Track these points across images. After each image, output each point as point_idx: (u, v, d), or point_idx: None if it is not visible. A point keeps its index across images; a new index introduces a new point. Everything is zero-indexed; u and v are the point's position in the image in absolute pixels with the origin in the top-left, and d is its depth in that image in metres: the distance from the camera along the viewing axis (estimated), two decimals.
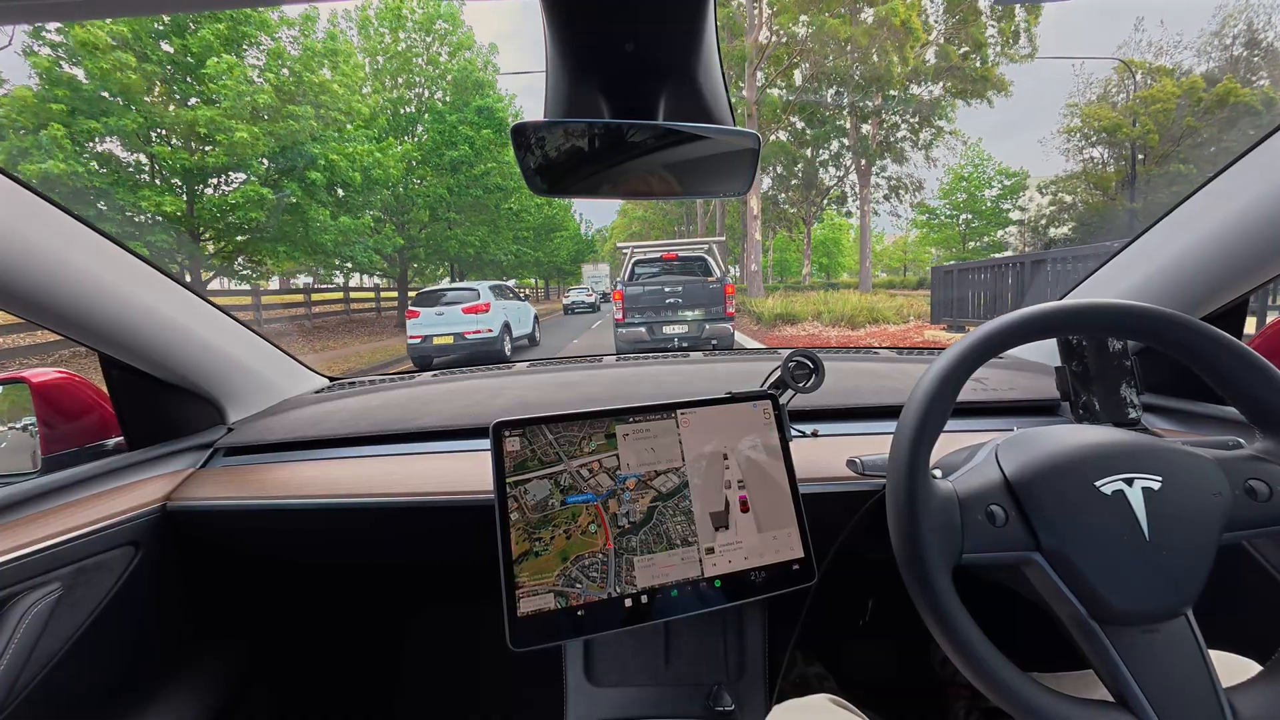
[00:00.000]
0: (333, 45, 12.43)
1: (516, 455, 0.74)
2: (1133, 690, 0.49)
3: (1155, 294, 0.95)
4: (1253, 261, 0.83)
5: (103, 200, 9.45)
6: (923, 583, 0.53)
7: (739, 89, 17.80)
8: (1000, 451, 0.62)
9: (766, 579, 0.76)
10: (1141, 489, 0.55)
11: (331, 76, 12.07)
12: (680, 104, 0.60)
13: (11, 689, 0.70)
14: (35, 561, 0.73)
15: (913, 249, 41.52)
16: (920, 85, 21.25)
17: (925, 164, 25.58)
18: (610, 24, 0.51)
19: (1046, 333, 0.60)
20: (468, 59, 18.85)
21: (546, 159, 0.58)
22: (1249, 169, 0.82)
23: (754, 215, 17.29)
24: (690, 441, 0.79)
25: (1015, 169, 30.04)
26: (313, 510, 0.89)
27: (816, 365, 0.89)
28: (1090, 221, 22.71)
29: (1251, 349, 0.57)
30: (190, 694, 0.97)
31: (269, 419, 1.15)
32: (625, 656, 0.99)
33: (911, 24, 18.15)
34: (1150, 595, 0.52)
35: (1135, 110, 20.38)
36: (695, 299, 7.25)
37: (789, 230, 31.58)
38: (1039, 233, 27.24)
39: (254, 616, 1.15)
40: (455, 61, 18.65)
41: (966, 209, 30.64)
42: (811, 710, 0.69)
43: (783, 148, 24.61)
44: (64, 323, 0.82)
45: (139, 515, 0.87)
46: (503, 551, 0.70)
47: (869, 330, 11.68)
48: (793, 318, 12.83)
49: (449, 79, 18.56)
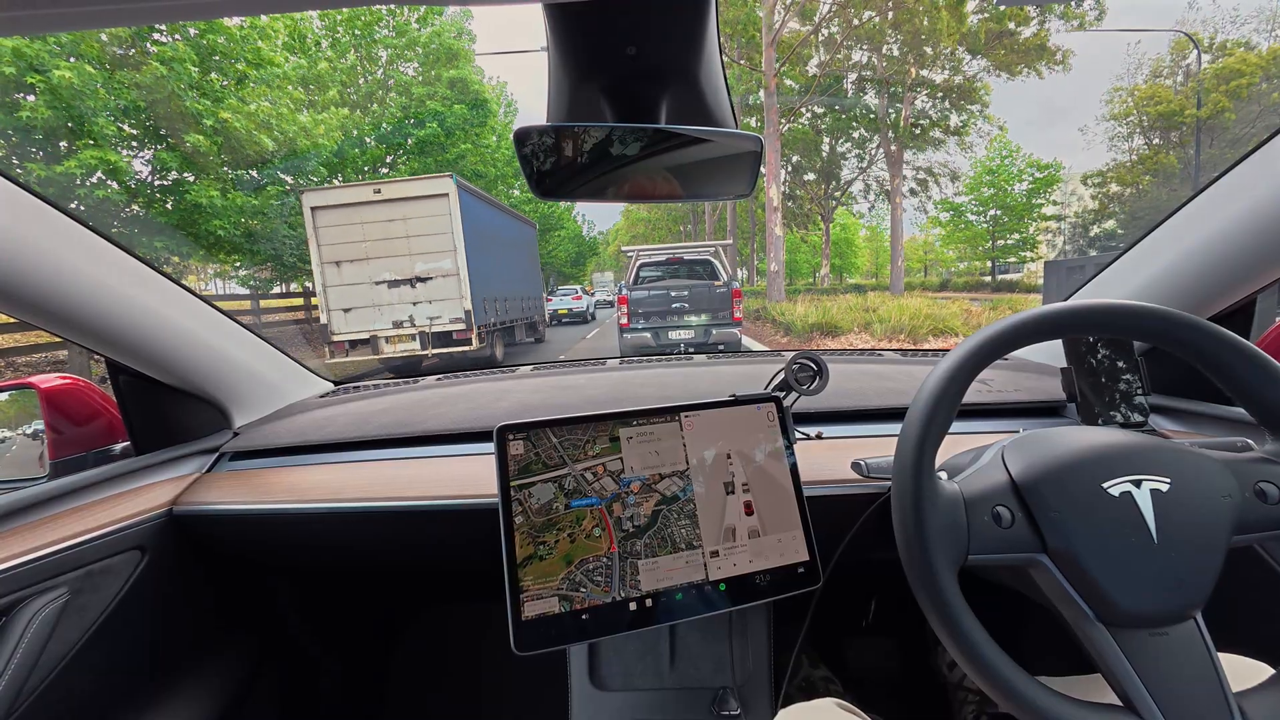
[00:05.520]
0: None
1: (520, 459, 0.74)
2: (1141, 694, 0.48)
3: (1161, 294, 0.94)
4: (1260, 261, 0.83)
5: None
6: (928, 585, 0.53)
7: (755, 67, 15.84)
8: (1006, 453, 0.62)
9: (771, 582, 0.76)
10: (1149, 490, 0.54)
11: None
12: (682, 106, 0.60)
13: (19, 693, 0.70)
14: (43, 566, 0.74)
15: (935, 248, 39.59)
16: (965, 56, 19.30)
17: (959, 151, 23.65)
18: (612, 27, 0.51)
19: (1052, 334, 0.60)
20: (438, 26, 16.00)
21: (549, 163, 0.58)
22: (1256, 167, 0.81)
23: (774, 207, 14.86)
24: (694, 444, 0.79)
25: (1048, 161, 27.37)
26: (318, 514, 0.90)
27: (820, 367, 0.88)
28: (1142, 215, 21.05)
29: (1260, 349, 0.56)
30: (196, 698, 0.97)
31: (274, 423, 1.15)
32: (630, 660, 0.99)
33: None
34: (1158, 598, 0.51)
35: (1207, 87, 18.52)
36: (702, 303, 7.08)
37: (803, 228, 30.26)
38: (1082, 228, 26.08)
39: (259, 620, 1.16)
40: (425, 31, 15.91)
41: (994, 204, 27.93)
42: (818, 713, 0.69)
43: (803, 134, 22.87)
44: (70, 328, 0.82)
45: (145, 520, 0.88)
46: (507, 555, 0.70)
47: (936, 344, 8.85)
48: (834, 328, 10.47)
49: (418, 49, 15.77)
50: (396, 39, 15.91)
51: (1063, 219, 30.12)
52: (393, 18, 15.50)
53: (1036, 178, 26.79)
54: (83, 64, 7.13)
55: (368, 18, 14.90)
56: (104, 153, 7.63)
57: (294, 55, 11.87)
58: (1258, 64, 17.99)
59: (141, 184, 8.65)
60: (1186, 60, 21.30)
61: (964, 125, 21.98)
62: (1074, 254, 27.91)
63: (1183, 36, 20.54)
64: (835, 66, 20.75)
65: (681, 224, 36.97)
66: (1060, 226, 30.54)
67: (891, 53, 20.20)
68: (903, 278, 23.17)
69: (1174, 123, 20.30)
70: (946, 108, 21.69)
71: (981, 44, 18.60)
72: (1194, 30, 21.55)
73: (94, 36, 7.52)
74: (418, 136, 14.49)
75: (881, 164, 24.82)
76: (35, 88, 6.89)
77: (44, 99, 6.96)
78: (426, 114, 14.77)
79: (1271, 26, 20.51)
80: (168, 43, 8.39)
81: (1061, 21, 18.07)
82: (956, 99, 21.06)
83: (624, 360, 1.57)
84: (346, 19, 14.80)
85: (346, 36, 15.33)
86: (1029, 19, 17.89)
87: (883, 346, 8.19)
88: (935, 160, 24.84)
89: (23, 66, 6.69)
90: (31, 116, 7.01)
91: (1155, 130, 21.56)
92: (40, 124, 7.09)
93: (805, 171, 25.96)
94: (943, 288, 31.03)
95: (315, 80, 12.74)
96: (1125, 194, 23.31)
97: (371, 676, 1.43)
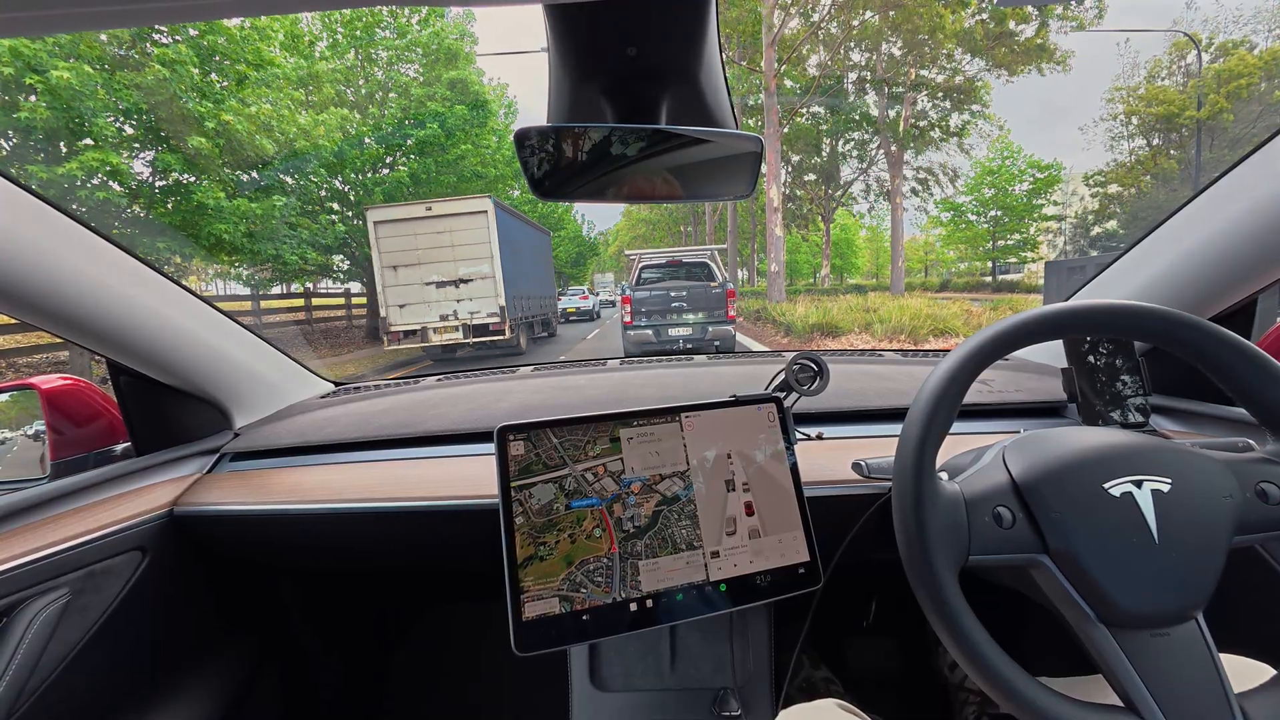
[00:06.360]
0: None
1: (521, 459, 0.74)
2: (1142, 695, 0.48)
3: (1162, 294, 0.94)
4: (1261, 261, 0.83)
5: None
6: (929, 585, 0.53)
7: (755, 68, 15.82)
8: (1007, 453, 0.62)
9: (772, 583, 0.76)
10: (1150, 491, 0.54)
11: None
12: (682, 107, 0.60)
13: (20, 693, 0.70)
14: (44, 567, 0.74)
15: (935, 248, 39.53)
16: (965, 56, 19.17)
17: (958, 153, 23.53)
18: (612, 28, 0.51)
19: (1053, 334, 0.60)
20: (439, 27, 15.68)
21: (549, 163, 0.59)
22: (1256, 167, 0.81)
23: (774, 208, 14.79)
24: (695, 445, 0.79)
25: (1048, 162, 27.98)
26: (319, 515, 0.90)
27: (821, 368, 0.88)
28: (1143, 215, 21.03)
29: (1261, 349, 0.56)
30: (197, 698, 0.97)
31: (275, 424, 1.15)
32: (630, 661, 0.99)
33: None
34: (1159, 598, 0.51)
35: (1207, 88, 18.43)
36: (698, 302, 7.72)
37: (803, 228, 30.20)
38: (1082, 228, 25.99)
39: (260, 620, 1.16)
40: (425, 32, 15.84)
41: (995, 204, 28.37)
42: (819, 714, 0.69)
43: (804, 131, 22.77)
44: (70, 328, 0.82)
45: (146, 520, 0.88)
46: (507, 556, 0.70)
47: (936, 345, 8.98)
48: (834, 328, 10.56)
49: (418, 50, 15.76)
50: (397, 40, 15.83)
51: (1063, 219, 30.01)
52: (394, 19, 15.43)
53: (1037, 178, 26.75)
54: (81, 64, 7.07)
55: (369, 19, 14.88)
56: (105, 154, 7.62)
57: (292, 57, 11.86)
58: (1256, 65, 17.88)
59: (143, 185, 8.68)
60: (1186, 60, 21.18)
61: (964, 126, 21.89)
62: (1074, 254, 27.85)
63: (1182, 37, 20.44)
64: (836, 66, 20.68)
65: (682, 224, 36.98)
66: (1061, 227, 30.47)
67: (891, 53, 20.14)
68: (903, 278, 23.09)
69: (1174, 124, 20.21)
70: (947, 108, 21.59)
71: (980, 43, 18.48)
72: (1194, 30, 21.46)
73: (93, 37, 7.47)
74: (418, 137, 14.50)
75: (882, 164, 24.69)
76: (35, 88, 6.83)
77: (43, 99, 6.93)
78: (427, 115, 14.75)
79: (1271, 26, 20.44)
80: (168, 44, 8.26)
81: (1061, 22, 17.99)
82: (957, 99, 20.96)
83: (624, 361, 1.57)
84: (347, 20, 14.77)
85: (346, 38, 15.24)
86: (1029, 18, 17.83)
87: (883, 347, 8.14)
88: (936, 161, 24.89)
89: (20, 66, 6.63)
90: (31, 117, 6.98)
91: (1156, 131, 21.45)
92: (40, 125, 7.07)
93: (805, 172, 25.80)
94: (943, 288, 30.92)
95: (314, 80, 12.71)
96: (1126, 194, 23.21)
97: (371, 676, 1.43)
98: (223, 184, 9.10)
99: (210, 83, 8.99)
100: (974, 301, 15.56)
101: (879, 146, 23.86)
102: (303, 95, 11.89)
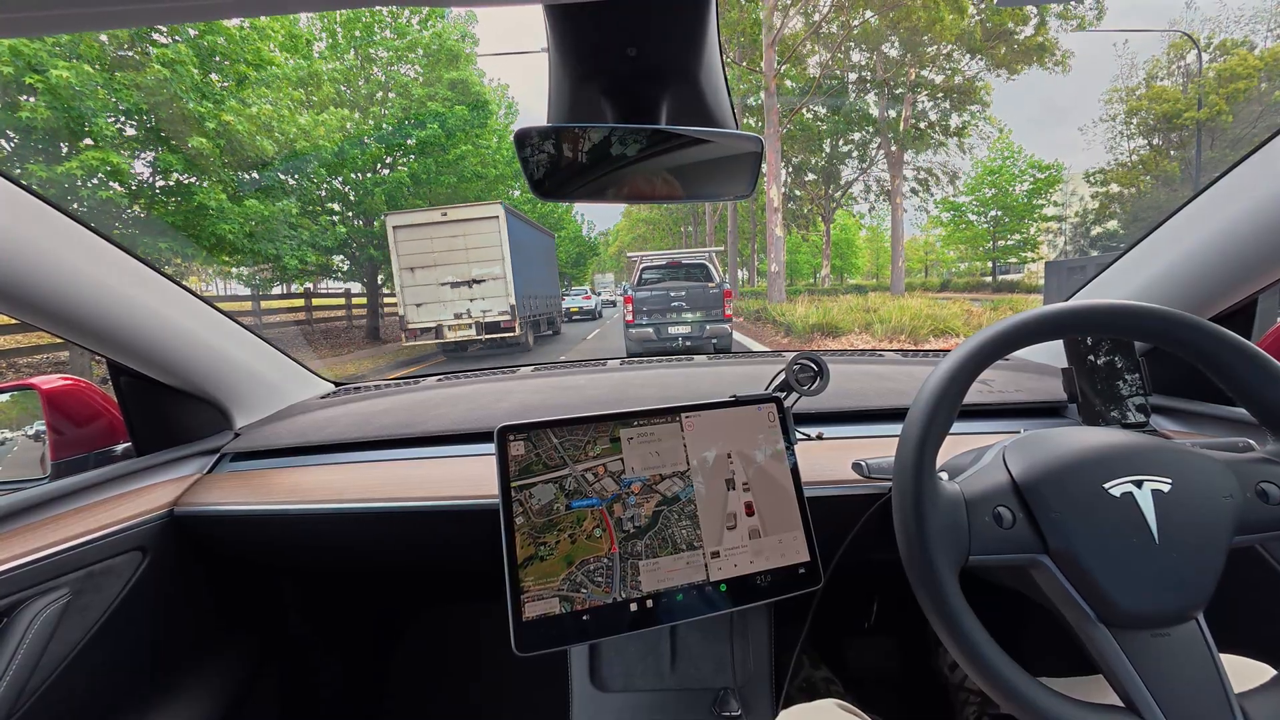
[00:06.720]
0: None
1: (521, 459, 0.74)
2: (1142, 695, 0.48)
3: (1162, 294, 0.94)
4: (1261, 261, 0.83)
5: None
6: (929, 585, 0.53)
7: (755, 68, 15.84)
8: (1007, 453, 0.62)
9: (772, 583, 0.76)
10: (1151, 491, 0.54)
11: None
12: (683, 107, 0.60)
13: (21, 693, 0.70)
14: (45, 567, 0.74)
15: (935, 248, 39.48)
16: (965, 56, 19.14)
17: (959, 153, 23.48)
18: (612, 28, 0.51)
19: (1053, 334, 0.60)
20: (440, 28, 15.51)
21: (550, 164, 0.58)
22: (1256, 167, 0.81)
23: (774, 208, 14.73)
24: (695, 445, 0.79)
25: (1049, 162, 27.88)
26: (319, 515, 0.90)
27: (821, 368, 0.88)
28: (1143, 215, 21.00)
29: (1261, 349, 0.56)
30: (197, 698, 0.97)
31: (275, 424, 1.15)
32: (631, 661, 0.99)
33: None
34: (1160, 598, 0.51)
35: (1207, 88, 18.39)
36: (697, 302, 8.04)
37: (803, 229, 30.17)
38: (1083, 228, 25.96)
39: (260, 620, 1.16)
40: (426, 33, 15.64)
41: (995, 204, 28.30)
42: (819, 714, 0.69)
43: (805, 129, 22.63)
44: (70, 328, 0.82)
45: (147, 520, 0.88)
46: (507, 556, 0.70)
47: (936, 345, 8.95)
48: (834, 329, 10.53)
49: (419, 51, 15.64)
50: (397, 40, 15.77)
51: (1064, 219, 29.97)
52: (393, 19, 15.35)
53: (1037, 178, 26.71)
54: (81, 64, 7.03)
55: (368, 19, 14.87)
56: (106, 154, 7.56)
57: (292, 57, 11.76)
58: (1255, 65, 17.82)
59: (144, 186, 8.51)
60: (1185, 60, 21.15)
61: (964, 127, 21.86)
62: (1075, 254, 27.85)
63: (1181, 37, 20.45)
64: (836, 65, 20.66)
65: (683, 225, 36.97)
66: (1061, 227, 30.44)
67: (891, 53, 20.14)
68: (903, 278, 23.05)
69: (1175, 124, 20.17)
70: (947, 109, 21.58)
71: (980, 42, 18.43)
72: (1193, 30, 21.45)
73: (93, 37, 7.42)
74: (418, 137, 14.58)
75: (882, 164, 24.65)
76: (35, 88, 6.80)
77: (43, 99, 6.89)
78: (427, 115, 14.77)
79: (1271, 26, 20.42)
80: (168, 44, 8.17)
81: (1061, 21, 17.96)
82: (957, 100, 20.94)
83: (625, 361, 1.57)
84: (346, 20, 14.72)
85: (346, 38, 15.18)
86: (1028, 18, 17.85)
87: (883, 347, 8.13)
88: (936, 161, 24.58)
89: (20, 66, 6.61)
90: (31, 117, 6.94)
91: (1156, 131, 21.43)
92: (40, 124, 7.02)
93: (806, 172, 25.74)
94: (943, 288, 30.90)
95: (314, 80, 12.75)
96: (1126, 194, 23.20)
97: (371, 676, 1.43)
98: (224, 184, 9.09)
99: (210, 83, 8.97)
100: (974, 301, 15.59)
101: (879, 146, 23.85)
102: (303, 95, 12.04)
